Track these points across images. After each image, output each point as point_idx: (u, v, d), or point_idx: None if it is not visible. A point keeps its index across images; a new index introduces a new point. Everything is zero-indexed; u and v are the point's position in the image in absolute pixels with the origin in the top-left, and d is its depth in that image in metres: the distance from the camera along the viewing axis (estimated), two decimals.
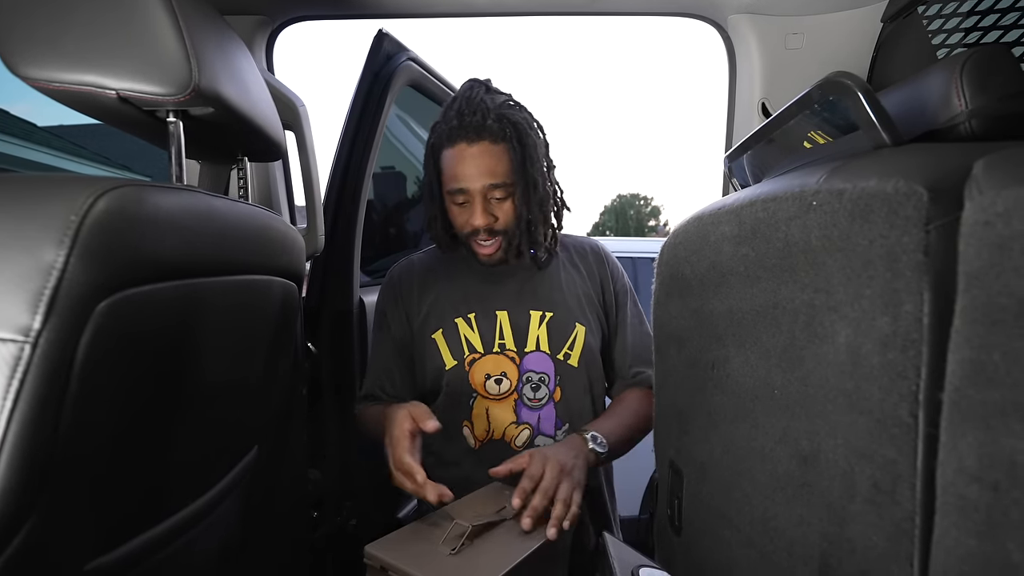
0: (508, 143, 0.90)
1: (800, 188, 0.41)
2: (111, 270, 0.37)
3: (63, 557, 0.39)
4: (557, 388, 0.94)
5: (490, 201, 0.91)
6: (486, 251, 0.94)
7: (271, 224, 0.60)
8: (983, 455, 0.26)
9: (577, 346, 0.96)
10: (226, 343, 0.54)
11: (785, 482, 0.42)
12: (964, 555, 0.27)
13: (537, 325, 0.96)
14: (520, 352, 0.94)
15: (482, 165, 0.88)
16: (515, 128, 0.91)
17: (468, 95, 0.91)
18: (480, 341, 0.94)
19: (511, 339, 0.94)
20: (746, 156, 0.68)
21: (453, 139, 0.89)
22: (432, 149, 0.93)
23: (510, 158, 0.90)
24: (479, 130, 0.88)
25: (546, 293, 0.98)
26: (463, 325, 0.95)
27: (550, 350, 0.95)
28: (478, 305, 0.97)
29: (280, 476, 0.80)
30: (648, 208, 60.50)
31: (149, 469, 0.47)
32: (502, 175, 0.90)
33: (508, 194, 0.91)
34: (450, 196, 0.92)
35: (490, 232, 0.92)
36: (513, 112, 0.92)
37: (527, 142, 0.92)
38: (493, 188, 0.90)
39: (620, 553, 0.77)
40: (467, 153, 0.88)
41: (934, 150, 0.37)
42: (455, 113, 0.89)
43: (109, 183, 0.38)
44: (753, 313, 0.48)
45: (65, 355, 0.35)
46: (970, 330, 0.27)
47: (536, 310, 0.96)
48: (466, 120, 0.88)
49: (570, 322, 0.97)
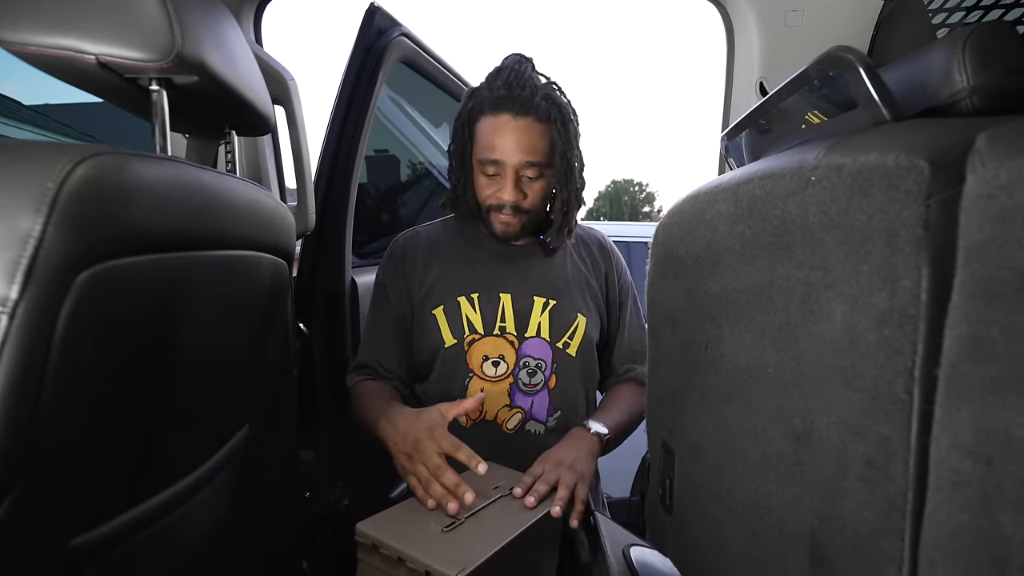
0: (552, 124, 0.89)
1: (798, 164, 0.41)
2: (91, 240, 0.35)
3: (46, 532, 0.39)
4: (553, 376, 0.94)
5: (521, 178, 0.90)
6: (506, 219, 0.92)
7: (260, 199, 0.59)
8: (978, 430, 0.26)
9: (577, 336, 0.96)
10: (213, 319, 0.53)
11: (777, 461, 0.42)
12: (956, 529, 0.27)
13: (540, 312, 0.95)
14: (520, 337, 0.94)
15: (523, 141, 0.87)
16: (559, 110, 0.89)
17: (518, 68, 0.88)
18: (481, 322, 0.94)
19: (512, 323, 0.94)
20: (743, 135, 0.67)
21: (498, 108, 0.87)
22: (469, 114, 0.91)
23: (549, 139, 0.89)
24: (526, 105, 0.86)
25: (551, 281, 0.98)
26: (465, 304, 0.94)
27: (550, 338, 0.94)
28: (482, 285, 0.96)
29: (271, 456, 0.79)
30: (643, 194, 60.41)
31: (135, 445, 0.46)
32: (540, 154, 0.88)
33: (540, 174, 0.90)
34: (481, 165, 0.90)
35: (515, 209, 0.91)
36: (559, 95, 0.91)
37: (569, 128, 0.91)
38: (529, 166, 0.88)
39: (611, 532, 0.78)
40: (511, 125, 0.86)
41: (936, 124, 0.36)
42: (503, 83, 0.87)
43: (88, 150, 0.36)
44: (748, 292, 0.48)
45: (44, 327, 0.34)
46: (969, 305, 0.27)
47: (540, 296, 0.96)
48: (515, 92, 0.86)
49: (572, 312, 0.96)
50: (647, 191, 61.20)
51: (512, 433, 0.92)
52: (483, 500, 0.70)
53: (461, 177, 0.94)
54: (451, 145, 0.95)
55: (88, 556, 0.43)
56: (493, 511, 0.68)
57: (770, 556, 0.42)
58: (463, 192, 0.95)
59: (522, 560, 0.68)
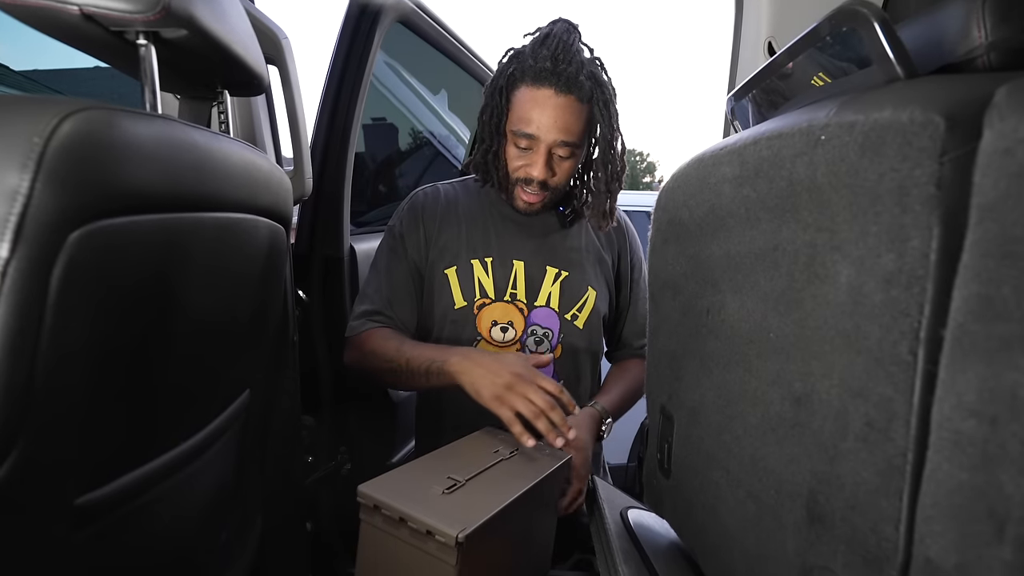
0: (594, 105, 0.87)
1: (808, 123, 0.40)
2: (82, 198, 0.35)
3: (51, 490, 0.39)
4: (559, 346, 0.95)
5: (553, 156, 0.88)
6: (530, 199, 0.91)
7: (255, 161, 0.58)
8: (983, 389, 0.26)
9: (586, 309, 0.96)
10: (211, 283, 0.53)
11: (776, 423, 0.42)
12: (955, 487, 0.27)
13: (551, 282, 0.95)
14: (529, 305, 0.94)
15: (561, 119, 0.85)
16: (602, 91, 0.87)
17: (565, 39, 0.85)
18: (493, 287, 0.94)
19: (523, 290, 0.94)
20: (749, 97, 0.65)
21: (540, 81, 0.84)
22: (508, 80, 0.87)
23: (587, 119, 0.87)
24: (571, 83, 0.83)
25: (565, 252, 0.98)
26: (478, 267, 0.94)
27: (559, 308, 0.95)
28: (497, 250, 0.95)
29: (273, 421, 0.80)
30: (644, 164, 59.71)
31: (136, 405, 0.46)
32: (576, 134, 0.86)
33: (571, 153, 0.88)
34: (513, 136, 0.88)
35: (542, 186, 0.90)
36: (601, 73, 0.88)
37: (611, 108, 0.89)
38: (563, 145, 0.87)
39: (609, 495, 0.79)
40: (553, 102, 0.84)
41: (952, 80, 0.35)
42: (549, 55, 0.83)
43: (75, 104, 0.35)
44: (752, 256, 0.47)
45: (38, 286, 0.33)
46: (980, 264, 0.27)
47: (553, 267, 0.96)
48: (560, 67, 0.83)
49: (583, 285, 0.97)
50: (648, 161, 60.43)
51: None
52: (484, 464, 0.71)
53: (492, 144, 0.91)
54: (484, 108, 0.92)
55: (94, 514, 0.44)
56: (494, 474, 0.69)
57: (766, 516, 0.42)
58: (493, 159, 0.92)
59: (522, 521, 0.69)
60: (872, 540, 0.32)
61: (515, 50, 0.89)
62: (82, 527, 0.42)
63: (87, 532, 0.43)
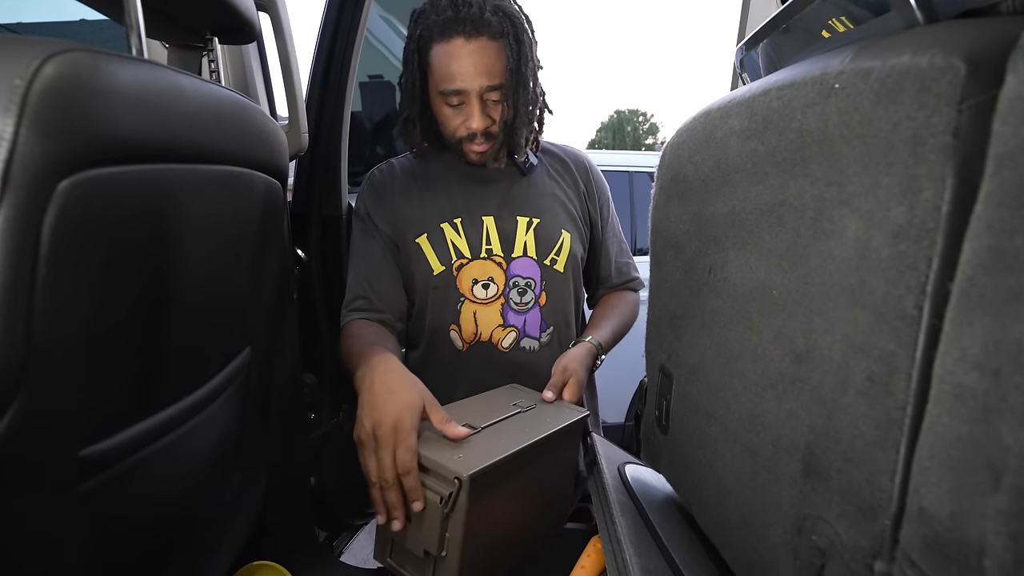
0: (506, 39, 0.83)
1: (821, 71, 0.38)
2: (69, 145, 0.33)
3: (54, 441, 0.39)
4: (543, 293, 0.96)
5: (486, 103, 0.86)
6: (480, 149, 0.90)
7: (248, 112, 0.56)
8: (988, 342, 0.25)
9: (563, 252, 0.96)
10: (206, 237, 0.52)
11: (776, 379, 0.42)
12: (953, 439, 0.27)
13: (524, 231, 0.95)
14: (507, 258, 0.94)
15: (480, 63, 0.82)
16: (512, 23, 0.84)
17: None
18: (467, 246, 0.94)
19: (498, 244, 0.94)
20: (760, 47, 0.63)
21: (447, 32, 0.81)
22: (418, 43, 0.85)
23: (506, 56, 0.84)
24: (477, 24, 0.80)
25: (532, 200, 0.97)
26: (449, 230, 0.94)
27: (537, 256, 0.95)
28: (464, 210, 0.95)
29: (274, 378, 0.81)
30: (647, 125, 58.54)
31: (136, 357, 0.46)
32: (499, 75, 0.84)
33: (504, 96, 0.86)
34: (442, 97, 0.86)
35: (487, 135, 0.88)
36: (508, 4, 0.85)
37: (523, 39, 0.86)
38: (491, 89, 0.84)
39: (607, 451, 0.81)
40: (465, 50, 0.81)
41: (975, 24, 0.33)
42: (448, 3, 0.81)
43: (56, 46, 0.33)
44: (757, 212, 0.46)
45: (28, 236, 0.33)
46: (993, 215, 0.26)
47: (523, 216, 0.96)
48: (462, 12, 0.80)
49: (556, 229, 0.97)
50: (651, 122, 59.18)
51: (508, 351, 0.95)
52: (502, 414, 0.72)
53: (413, 112, 0.90)
54: (402, 75, 0.90)
55: (98, 465, 0.44)
56: (510, 424, 0.71)
57: (762, 470, 0.43)
58: (416, 128, 0.92)
59: (533, 475, 0.71)
60: (867, 491, 0.32)
61: (417, 10, 0.86)
62: (88, 477, 0.43)
63: (92, 483, 0.44)
